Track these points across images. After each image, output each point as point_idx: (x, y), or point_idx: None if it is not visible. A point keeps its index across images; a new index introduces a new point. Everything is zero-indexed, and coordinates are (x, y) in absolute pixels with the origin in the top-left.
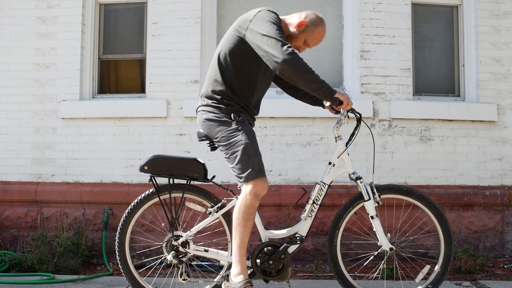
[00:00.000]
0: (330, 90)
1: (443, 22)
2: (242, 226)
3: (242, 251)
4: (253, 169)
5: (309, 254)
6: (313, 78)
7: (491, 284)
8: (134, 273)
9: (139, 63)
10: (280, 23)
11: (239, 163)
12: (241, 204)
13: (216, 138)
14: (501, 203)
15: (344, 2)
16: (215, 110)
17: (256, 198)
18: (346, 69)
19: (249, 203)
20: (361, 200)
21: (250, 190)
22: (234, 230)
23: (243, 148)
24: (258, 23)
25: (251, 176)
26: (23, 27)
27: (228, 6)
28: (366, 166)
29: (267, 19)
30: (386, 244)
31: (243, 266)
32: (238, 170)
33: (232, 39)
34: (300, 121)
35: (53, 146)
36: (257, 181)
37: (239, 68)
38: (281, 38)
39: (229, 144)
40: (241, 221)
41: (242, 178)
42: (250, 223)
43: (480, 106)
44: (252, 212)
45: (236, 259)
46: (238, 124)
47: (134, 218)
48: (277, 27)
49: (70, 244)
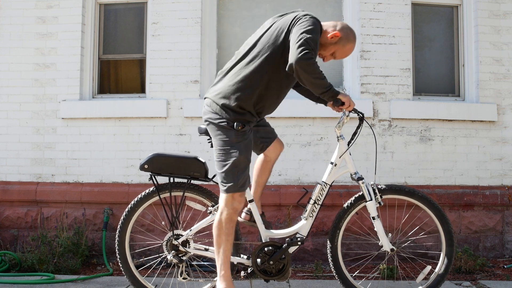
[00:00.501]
0: (333, 92)
1: (443, 22)
2: (225, 241)
3: (226, 266)
4: (237, 183)
5: (309, 254)
6: (322, 83)
7: (491, 284)
8: (134, 272)
9: (139, 63)
10: (320, 24)
11: (225, 173)
12: (220, 219)
13: (214, 139)
14: (501, 203)
15: (344, 2)
16: (221, 114)
17: (235, 212)
18: (346, 69)
19: (228, 218)
20: (363, 201)
21: (229, 204)
22: (217, 246)
23: (234, 161)
24: (303, 21)
25: (232, 189)
26: (23, 27)
27: (228, 6)
28: (366, 166)
29: (311, 21)
30: (387, 245)
31: (229, 281)
32: (223, 179)
33: (272, 39)
34: (300, 121)
35: (53, 146)
36: (234, 195)
37: (267, 75)
38: (310, 43)
39: (222, 151)
40: (224, 236)
41: (224, 187)
42: (232, 237)
43: (480, 106)
44: (232, 226)
45: (221, 274)
46: (238, 135)
47: (134, 216)
48: (314, 31)
49: (70, 244)
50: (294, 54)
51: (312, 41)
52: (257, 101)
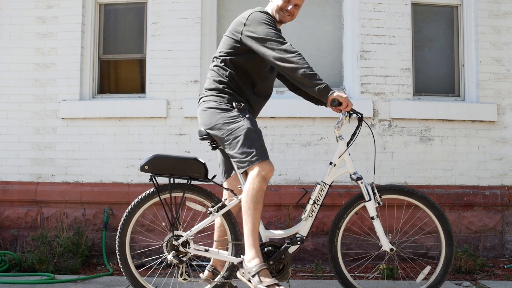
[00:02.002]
0: (326, 89)
1: (443, 22)
2: (253, 209)
3: (254, 235)
4: (257, 151)
5: (309, 254)
6: (310, 75)
7: (491, 284)
8: (134, 273)
9: (139, 63)
10: (272, 19)
11: (241, 147)
12: (249, 188)
13: (217, 126)
14: (501, 203)
15: (344, 2)
16: (217, 99)
17: (264, 181)
18: (346, 69)
19: (257, 186)
20: (362, 201)
21: (258, 173)
22: (245, 215)
23: (246, 132)
24: (253, 27)
25: (255, 158)
26: (23, 27)
27: (228, 6)
28: (366, 166)
29: (260, 21)
30: (386, 245)
31: (257, 250)
32: (241, 155)
33: (229, 42)
34: (300, 121)
35: (53, 146)
36: (262, 164)
37: (240, 69)
38: (278, 38)
39: (230, 130)
40: (251, 205)
41: (245, 163)
42: (261, 206)
43: (480, 106)
44: (261, 195)
45: (249, 243)
46: (240, 111)
47: (135, 217)
48: (270, 26)
49: (70, 244)
50: (274, 51)
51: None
52: (236, 86)
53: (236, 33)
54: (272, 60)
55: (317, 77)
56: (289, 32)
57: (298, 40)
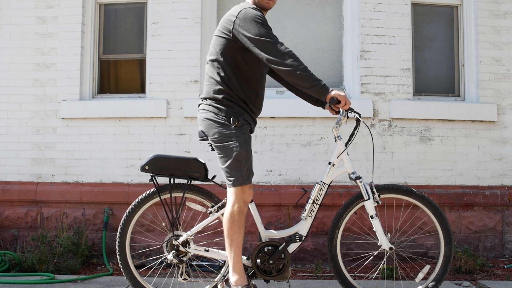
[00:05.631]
0: (324, 88)
1: (443, 22)
2: (237, 233)
3: (238, 258)
4: (241, 176)
5: (309, 254)
6: (306, 75)
7: (491, 284)
8: (134, 273)
9: (139, 63)
10: (262, 15)
11: (229, 167)
12: (231, 212)
13: (213, 138)
14: (501, 203)
15: (344, 2)
16: (216, 111)
17: (245, 205)
18: (346, 69)
19: (239, 210)
20: (361, 200)
21: (239, 196)
22: (228, 239)
23: (236, 155)
24: (244, 25)
25: (237, 182)
26: (23, 27)
27: (228, 6)
28: (366, 166)
29: (252, 18)
30: (385, 244)
31: (241, 274)
32: (227, 174)
33: (220, 42)
34: (300, 121)
35: (53, 146)
36: (243, 188)
37: (235, 67)
38: (270, 37)
39: (223, 147)
40: (236, 228)
41: (230, 181)
42: (243, 229)
43: (480, 106)
44: (243, 218)
45: (234, 268)
46: (236, 129)
47: (135, 217)
48: (262, 25)
49: (70, 244)
50: (268, 52)
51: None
52: (233, 88)
53: (227, 31)
54: (266, 62)
55: (313, 77)
56: (289, 32)
57: (298, 40)
